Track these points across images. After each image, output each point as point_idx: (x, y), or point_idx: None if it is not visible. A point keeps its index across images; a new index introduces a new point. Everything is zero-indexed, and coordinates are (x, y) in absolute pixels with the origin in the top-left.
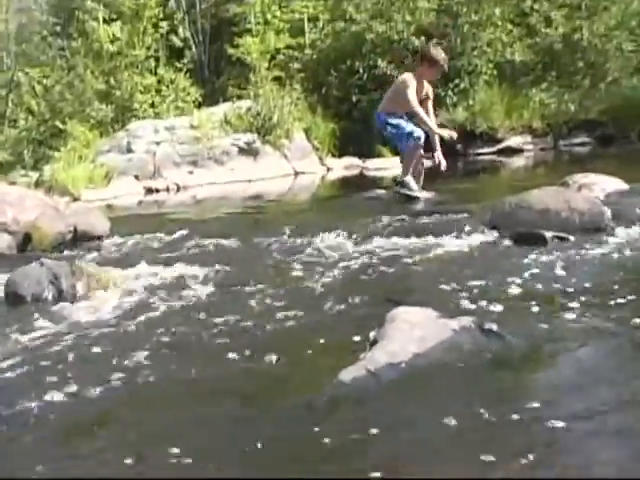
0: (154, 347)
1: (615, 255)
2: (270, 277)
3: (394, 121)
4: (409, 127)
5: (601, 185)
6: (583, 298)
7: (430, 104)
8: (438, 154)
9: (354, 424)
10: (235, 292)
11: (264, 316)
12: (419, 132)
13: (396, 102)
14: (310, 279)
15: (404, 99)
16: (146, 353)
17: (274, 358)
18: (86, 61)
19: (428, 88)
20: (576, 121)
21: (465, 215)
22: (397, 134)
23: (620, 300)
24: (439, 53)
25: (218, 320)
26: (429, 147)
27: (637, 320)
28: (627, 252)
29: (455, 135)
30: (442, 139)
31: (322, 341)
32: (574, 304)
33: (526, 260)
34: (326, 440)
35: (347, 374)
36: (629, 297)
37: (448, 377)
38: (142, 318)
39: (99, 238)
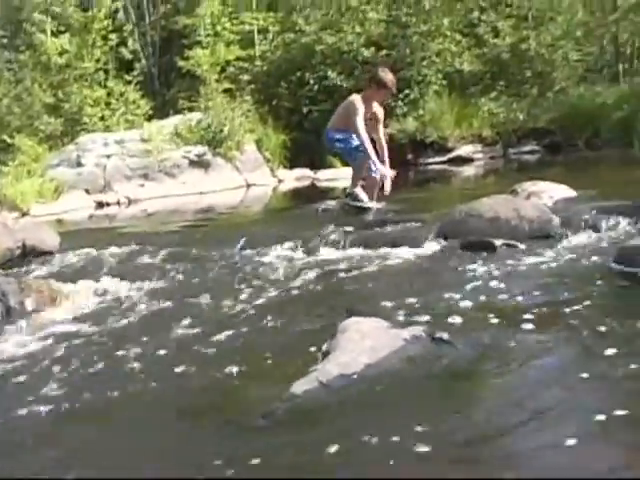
0: (103, 363)
1: (563, 262)
2: (221, 290)
3: (342, 136)
4: (355, 141)
5: (549, 193)
6: (532, 306)
7: (380, 127)
8: (382, 173)
9: (306, 436)
10: (186, 306)
11: (215, 330)
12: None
13: (345, 120)
14: (262, 291)
15: (352, 122)
16: (95, 369)
17: (225, 372)
18: (34, 74)
19: (378, 110)
20: (525, 130)
21: (416, 225)
22: (345, 149)
23: (568, 307)
24: (387, 76)
25: (168, 334)
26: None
27: (584, 327)
28: (575, 259)
29: (390, 180)
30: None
31: (274, 354)
32: (523, 312)
33: (476, 268)
34: (279, 453)
35: (299, 386)
36: (577, 304)
37: (399, 387)
38: (92, 334)
39: (49, 253)
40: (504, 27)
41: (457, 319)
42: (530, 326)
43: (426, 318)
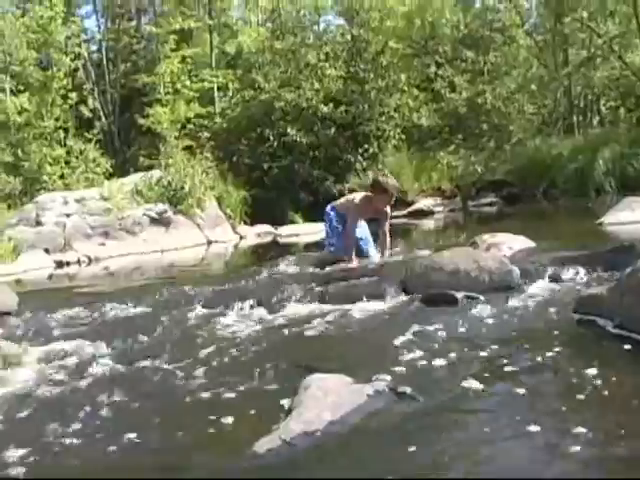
0: (60, 427)
1: (525, 312)
2: (182, 349)
3: (335, 223)
4: (334, 239)
5: (509, 244)
6: (495, 358)
7: (386, 223)
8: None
9: None
10: (145, 367)
11: (175, 390)
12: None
13: (345, 209)
14: (223, 350)
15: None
16: (52, 434)
17: (185, 431)
18: None
19: (385, 211)
20: (483, 182)
21: (377, 279)
22: (329, 226)
23: (531, 359)
24: (388, 182)
25: (125, 397)
26: None
27: (547, 378)
28: (536, 309)
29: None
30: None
31: (236, 413)
32: (486, 364)
33: (437, 321)
34: None
35: (262, 445)
36: (540, 354)
37: (363, 442)
38: (50, 397)
39: (7, 314)
40: (460, 82)
41: (420, 373)
42: (493, 379)
43: (389, 373)
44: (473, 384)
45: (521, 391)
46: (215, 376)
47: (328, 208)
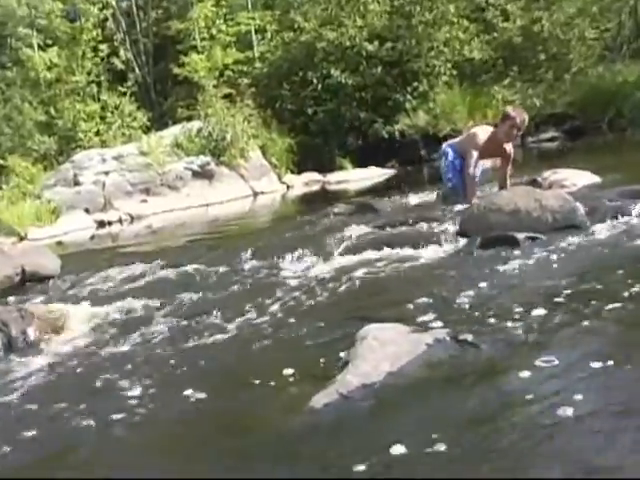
0: (115, 391)
1: (591, 252)
2: (233, 304)
3: (451, 158)
4: (450, 174)
5: (572, 180)
6: (560, 299)
7: (508, 168)
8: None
9: (329, 452)
10: (198, 322)
11: (229, 345)
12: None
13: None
14: (275, 302)
15: (467, 148)
16: (108, 398)
17: (241, 387)
18: (23, 91)
19: (507, 151)
20: (543, 116)
21: (434, 223)
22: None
23: (599, 300)
24: (512, 110)
25: (181, 353)
26: None
27: (617, 321)
28: (603, 248)
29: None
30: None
31: (291, 367)
32: (551, 306)
33: (498, 265)
34: (300, 472)
35: (319, 400)
36: (608, 296)
37: (425, 394)
38: (100, 361)
39: (50, 278)
40: (514, 9)
41: (482, 319)
42: (559, 321)
43: (449, 320)
44: (538, 330)
45: (590, 336)
46: (269, 330)
47: (444, 146)
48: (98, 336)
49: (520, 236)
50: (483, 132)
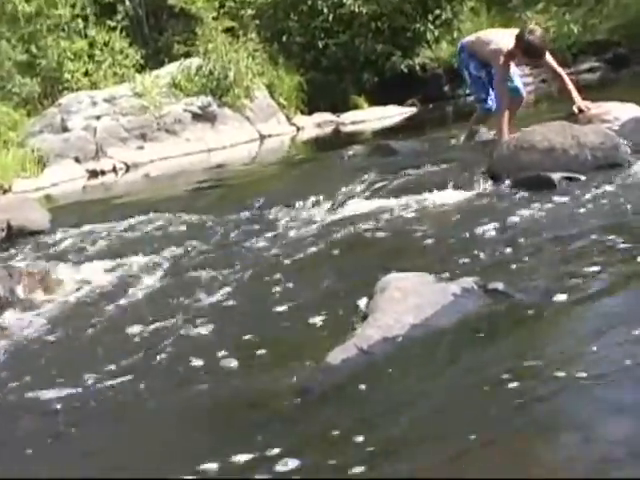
0: (110, 354)
1: (634, 194)
2: (243, 255)
3: (474, 71)
4: (483, 93)
5: (615, 114)
6: (601, 248)
7: (553, 63)
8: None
9: (349, 414)
10: (201, 279)
11: (241, 297)
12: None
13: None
14: (288, 253)
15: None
16: (101, 361)
17: (253, 344)
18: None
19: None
20: (581, 44)
21: (459, 164)
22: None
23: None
24: (526, 30)
25: (186, 308)
26: None
27: None
28: None
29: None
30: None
31: (308, 320)
32: (591, 255)
33: (532, 208)
34: (318, 431)
35: (336, 355)
36: None
37: (453, 348)
38: (94, 322)
39: (39, 233)
40: None
41: (514, 266)
42: (598, 268)
43: (477, 268)
44: (576, 279)
45: (630, 286)
46: (279, 281)
47: (459, 49)
48: (89, 296)
49: (556, 176)
50: (503, 52)
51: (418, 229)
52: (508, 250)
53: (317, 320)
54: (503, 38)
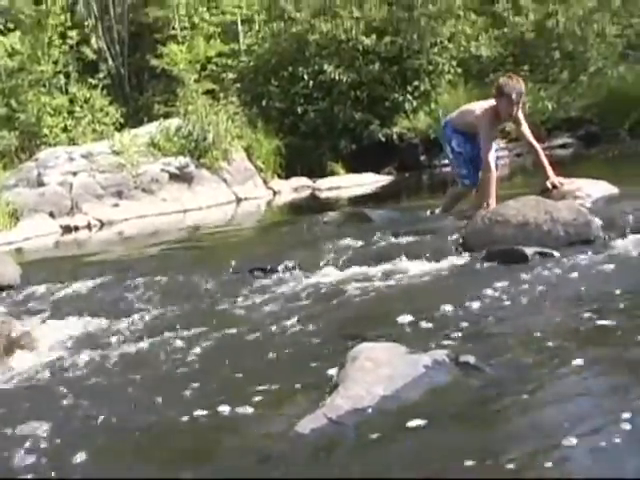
0: (77, 411)
1: (607, 271)
2: (212, 319)
3: (457, 147)
4: (464, 169)
5: (587, 190)
6: (573, 324)
7: (526, 130)
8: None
9: None
10: (171, 339)
11: (207, 363)
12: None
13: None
14: (259, 318)
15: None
16: (68, 419)
17: (221, 409)
18: None
19: (516, 117)
20: (555, 120)
21: (433, 235)
22: (453, 160)
23: (615, 325)
24: (507, 82)
25: (150, 372)
26: None
27: (635, 348)
28: (621, 267)
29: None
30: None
31: (276, 388)
32: (562, 331)
33: (504, 281)
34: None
35: (305, 424)
36: (626, 320)
37: (423, 421)
38: (63, 380)
39: (8, 288)
40: (526, 2)
41: (485, 340)
42: (572, 347)
43: (449, 341)
44: (548, 355)
45: (606, 365)
46: (250, 347)
47: (442, 125)
48: (61, 356)
49: (529, 251)
50: (487, 108)
51: (391, 298)
52: (480, 323)
53: (287, 388)
54: (486, 105)
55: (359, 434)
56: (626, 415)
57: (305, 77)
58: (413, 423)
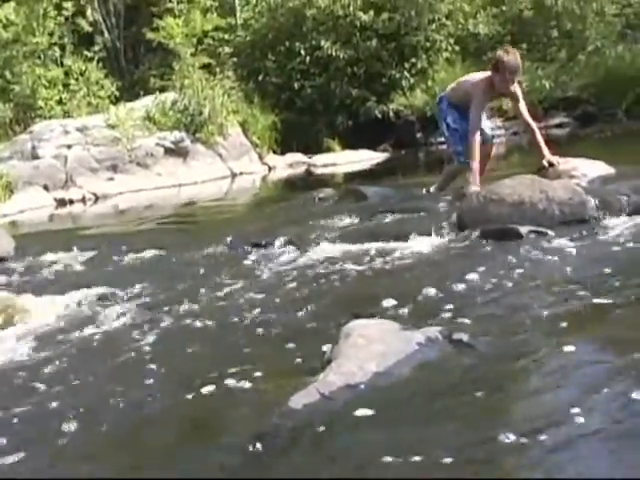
0: (70, 390)
1: (601, 250)
2: (204, 294)
3: (452, 123)
4: (460, 146)
5: (583, 170)
6: (566, 301)
7: (523, 107)
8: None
9: (306, 457)
10: (163, 314)
11: (200, 338)
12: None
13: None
14: (253, 294)
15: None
16: (63, 394)
17: (213, 386)
18: None
19: (513, 92)
20: (552, 100)
21: (428, 213)
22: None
23: (609, 302)
24: (504, 54)
25: (147, 349)
26: None
27: (626, 326)
28: (615, 246)
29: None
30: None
31: (269, 364)
32: (554, 307)
33: (498, 260)
34: (274, 476)
35: (298, 400)
36: (619, 298)
37: (414, 397)
38: (58, 353)
39: (2, 260)
40: None
41: (478, 318)
42: (565, 326)
43: (442, 318)
44: (540, 333)
45: (599, 341)
46: (244, 323)
47: (437, 100)
48: (55, 329)
49: (523, 229)
50: (481, 79)
51: (385, 276)
52: (473, 301)
53: (280, 364)
54: (482, 75)
55: (351, 410)
56: (618, 393)
57: (302, 53)
58: (405, 399)
